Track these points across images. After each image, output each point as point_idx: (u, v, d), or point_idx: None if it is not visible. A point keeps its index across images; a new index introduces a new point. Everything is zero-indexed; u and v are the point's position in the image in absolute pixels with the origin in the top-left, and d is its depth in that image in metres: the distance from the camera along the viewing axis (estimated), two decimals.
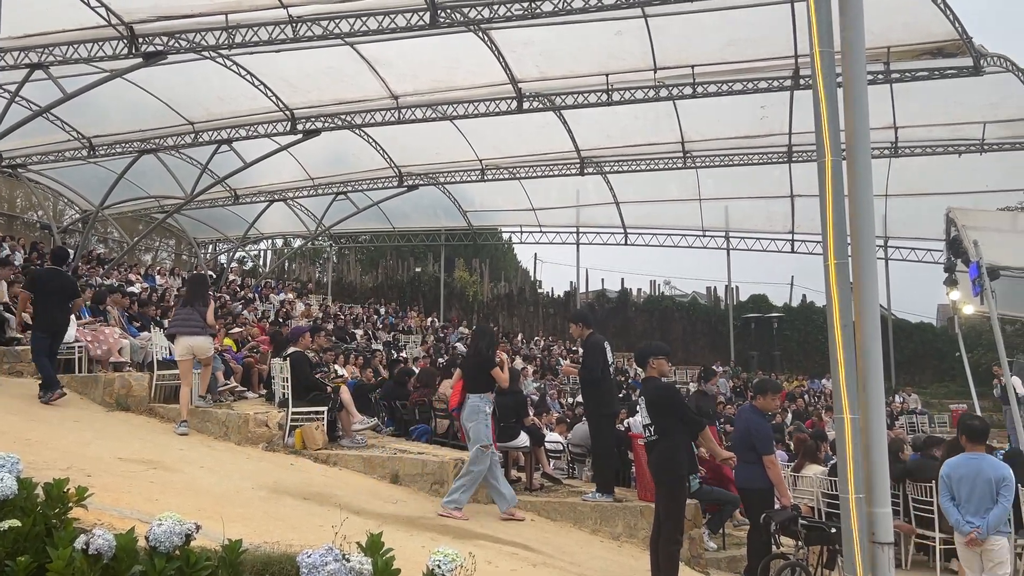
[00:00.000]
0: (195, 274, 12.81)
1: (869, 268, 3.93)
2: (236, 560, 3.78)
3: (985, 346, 20.78)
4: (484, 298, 36.07)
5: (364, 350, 17.01)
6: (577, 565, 6.52)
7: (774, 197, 25.55)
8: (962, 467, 6.50)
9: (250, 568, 3.91)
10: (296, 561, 3.62)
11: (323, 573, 3.48)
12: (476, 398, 7.82)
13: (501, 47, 16.30)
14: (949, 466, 6.62)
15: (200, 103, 19.37)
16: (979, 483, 6.32)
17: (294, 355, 9.35)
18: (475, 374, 7.93)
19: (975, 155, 19.97)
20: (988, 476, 6.30)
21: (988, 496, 6.26)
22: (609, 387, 8.52)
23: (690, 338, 33.75)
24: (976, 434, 6.68)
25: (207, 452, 8.30)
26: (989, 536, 6.23)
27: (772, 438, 7.38)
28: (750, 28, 15.22)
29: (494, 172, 23.41)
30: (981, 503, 6.28)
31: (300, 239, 32.57)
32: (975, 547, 6.32)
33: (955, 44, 14.67)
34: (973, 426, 6.78)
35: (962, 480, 6.43)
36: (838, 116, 3.97)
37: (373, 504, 7.16)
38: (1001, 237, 14.68)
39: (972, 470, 6.40)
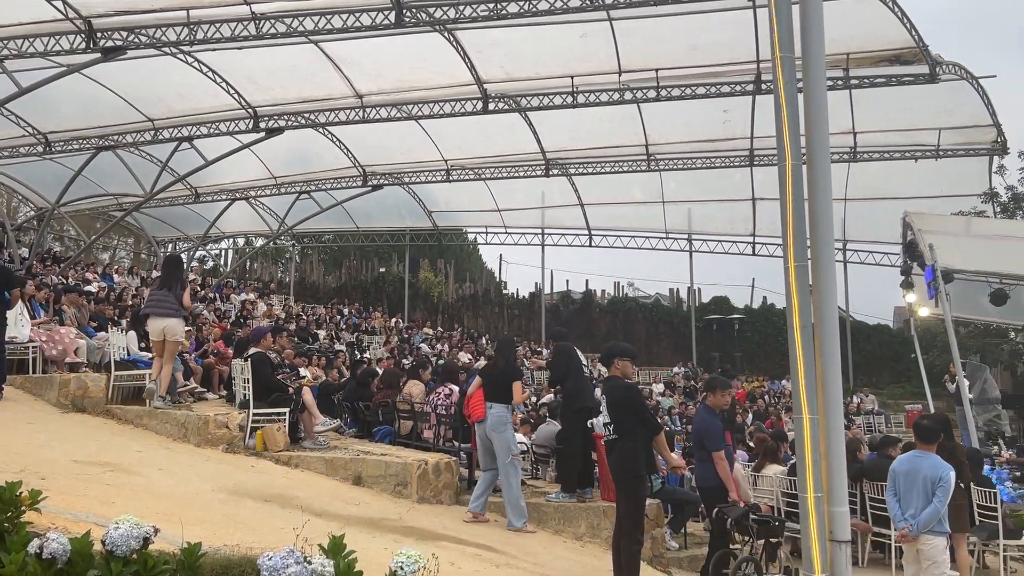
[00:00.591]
0: (171, 255, 12.63)
1: (828, 271, 3.99)
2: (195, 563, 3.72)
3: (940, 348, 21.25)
4: (449, 299, 35.98)
5: (327, 351, 16.86)
6: (540, 566, 6.53)
7: (736, 200, 25.88)
8: (906, 465, 6.69)
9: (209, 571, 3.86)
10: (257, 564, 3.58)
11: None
12: (501, 408, 7.95)
13: (467, 48, 16.29)
14: (896, 464, 6.82)
15: (160, 100, 19.05)
16: (919, 481, 6.49)
17: (255, 356, 9.24)
18: (500, 384, 8.05)
19: (931, 160, 20.43)
20: (927, 475, 6.46)
21: (925, 495, 6.41)
22: (576, 384, 8.57)
23: (653, 339, 34.00)
24: (925, 433, 6.86)
25: (166, 454, 8.16)
26: (921, 534, 6.38)
27: (721, 435, 7.50)
28: (713, 33, 15.39)
29: (459, 173, 23.37)
30: (919, 501, 6.43)
31: (262, 238, 32.17)
32: (907, 543, 6.50)
33: (912, 52, 15.00)
34: (922, 426, 6.97)
35: (904, 477, 6.61)
36: (798, 121, 4.03)
37: (335, 506, 7.10)
38: (955, 241, 15.04)
39: (914, 468, 6.58)
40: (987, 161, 21.78)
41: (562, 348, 8.80)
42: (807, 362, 3.82)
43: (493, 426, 7.92)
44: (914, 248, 14.85)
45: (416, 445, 9.53)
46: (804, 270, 3.89)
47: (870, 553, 9.76)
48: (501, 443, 7.87)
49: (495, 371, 8.42)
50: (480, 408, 8.08)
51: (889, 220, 20.31)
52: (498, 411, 7.94)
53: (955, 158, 20.59)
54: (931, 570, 6.42)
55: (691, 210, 27.89)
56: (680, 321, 33.95)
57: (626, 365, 6.68)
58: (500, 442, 7.87)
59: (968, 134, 19.69)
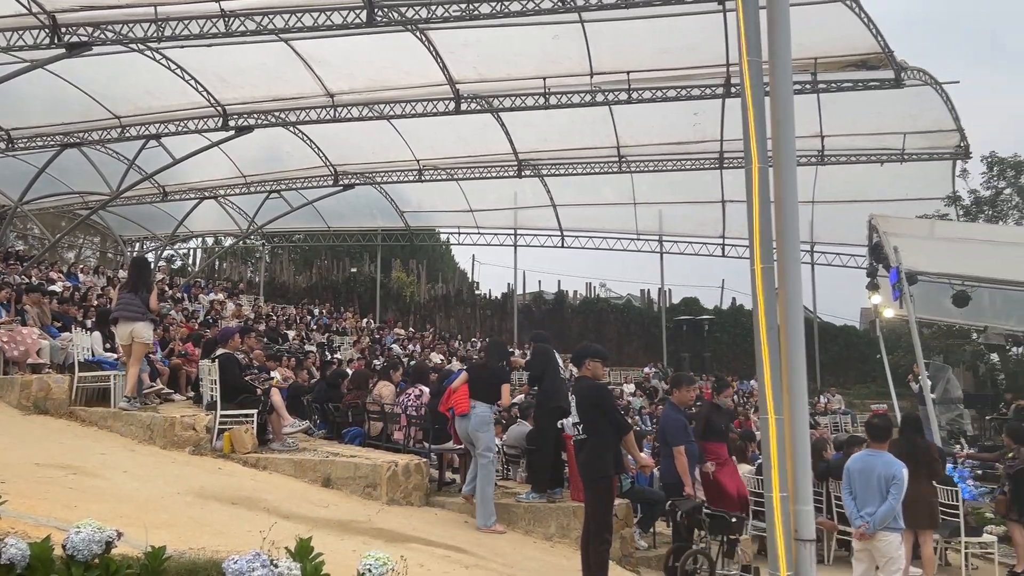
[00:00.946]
0: (138, 257, 12.49)
1: (794, 273, 4.04)
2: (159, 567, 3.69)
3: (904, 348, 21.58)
4: (421, 299, 35.87)
5: (297, 351, 16.73)
6: (509, 566, 6.54)
7: (706, 202, 26.13)
8: (860, 463, 6.82)
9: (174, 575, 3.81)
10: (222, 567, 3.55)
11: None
12: (486, 408, 8.12)
13: (439, 47, 16.26)
14: (851, 462, 6.95)
15: (127, 97, 18.78)
16: (873, 479, 6.60)
17: (222, 357, 9.14)
18: (487, 383, 8.20)
19: (896, 164, 20.78)
20: (881, 473, 6.58)
21: (880, 492, 6.53)
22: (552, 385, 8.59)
23: (624, 339, 34.16)
24: (877, 432, 6.99)
25: (130, 457, 8.04)
26: (878, 531, 6.49)
27: (684, 430, 7.60)
28: (683, 36, 15.51)
29: (432, 173, 23.32)
30: (874, 499, 6.55)
31: (231, 238, 31.88)
32: (864, 540, 6.61)
33: (878, 57, 15.23)
34: (874, 424, 7.11)
35: (859, 476, 6.72)
36: (765, 124, 4.07)
37: (304, 508, 7.04)
38: (920, 244, 15.30)
39: (868, 466, 6.70)
40: (950, 165, 22.20)
41: (541, 349, 8.90)
42: (772, 363, 3.86)
43: (477, 426, 8.04)
44: (879, 250, 15.08)
45: (386, 446, 9.48)
46: (770, 272, 3.93)
47: (836, 551, 9.89)
48: (483, 442, 8.00)
49: (484, 370, 8.52)
50: (464, 402, 8.16)
51: (856, 222, 20.59)
52: (482, 411, 8.09)
53: (920, 162, 20.97)
54: (888, 566, 6.53)
55: (662, 211, 28.11)
56: (651, 322, 34.16)
57: (597, 366, 6.72)
58: (482, 441, 8.00)
59: (932, 138, 20.06)
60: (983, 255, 14.78)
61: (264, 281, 34.54)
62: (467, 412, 8.09)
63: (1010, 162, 23.27)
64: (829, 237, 27.58)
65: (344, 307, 30.51)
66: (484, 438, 8.02)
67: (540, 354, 8.86)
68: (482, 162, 22.94)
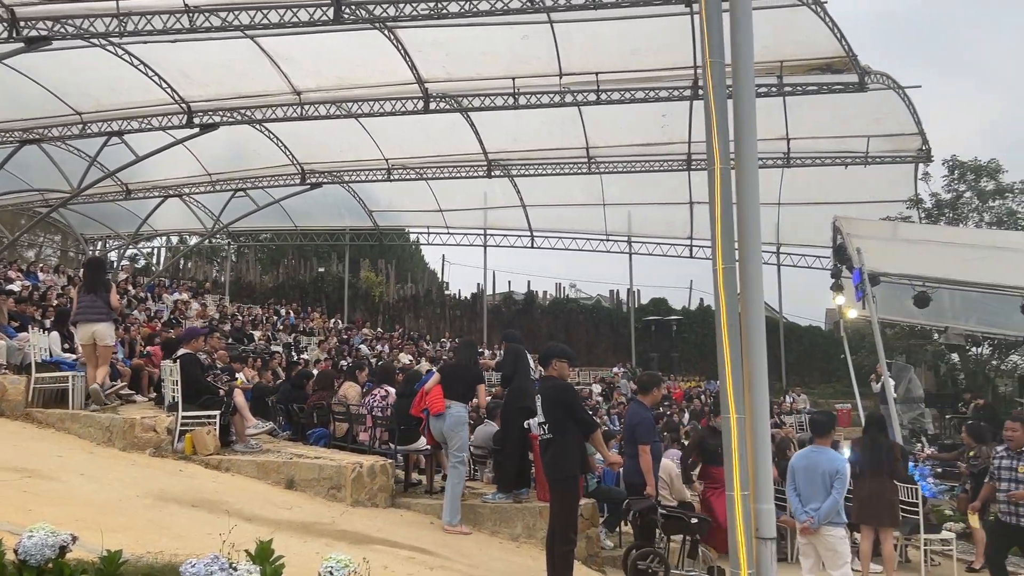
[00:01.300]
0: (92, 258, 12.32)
1: (755, 273, 4.06)
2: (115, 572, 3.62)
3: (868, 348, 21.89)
4: (390, 299, 35.70)
5: (262, 352, 16.55)
6: (475, 567, 6.51)
7: (674, 203, 26.32)
8: (804, 460, 6.92)
9: None
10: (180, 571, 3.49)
11: None
12: (461, 407, 8.12)
13: (407, 46, 16.20)
14: (795, 459, 7.05)
15: (89, 93, 18.47)
16: (816, 475, 6.70)
17: (184, 357, 9.00)
18: (461, 383, 8.20)
19: (860, 167, 21.10)
20: (824, 468, 6.68)
21: (823, 488, 6.62)
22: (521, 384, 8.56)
23: (593, 340, 34.29)
24: (818, 427, 7.09)
25: (88, 459, 7.88)
26: (822, 526, 6.59)
27: (653, 429, 7.66)
28: (652, 38, 15.62)
29: (401, 172, 23.22)
30: (818, 494, 6.64)
31: (196, 237, 31.45)
32: (809, 535, 6.71)
33: (842, 61, 15.46)
34: (816, 421, 7.23)
35: (803, 472, 6.82)
36: (727, 126, 4.10)
37: (266, 510, 6.95)
38: (882, 245, 15.53)
39: (812, 463, 6.80)
40: (913, 168, 22.59)
41: (512, 349, 8.90)
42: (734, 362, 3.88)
43: (452, 425, 8.03)
44: (843, 252, 15.28)
45: (351, 448, 9.40)
46: (732, 272, 3.95)
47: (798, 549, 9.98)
48: (456, 442, 8.02)
49: (457, 370, 8.50)
50: (439, 403, 8.13)
51: (821, 224, 20.89)
52: (457, 410, 8.09)
53: (883, 165, 21.32)
54: (833, 560, 6.63)
55: (631, 213, 28.27)
56: (620, 322, 34.33)
57: (563, 366, 6.73)
58: (456, 441, 8.02)
59: (895, 142, 20.40)
60: (944, 257, 15.06)
61: (230, 281, 34.15)
62: (442, 412, 8.06)
63: (970, 166, 23.72)
64: (795, 239, 27.90)
65: (311, 307, 30.26)
66: (458, 438, 8.03)
67: (511, 353, 8.86)
68: (451, 162, 22.90)
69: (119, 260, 29.38)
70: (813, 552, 6.80)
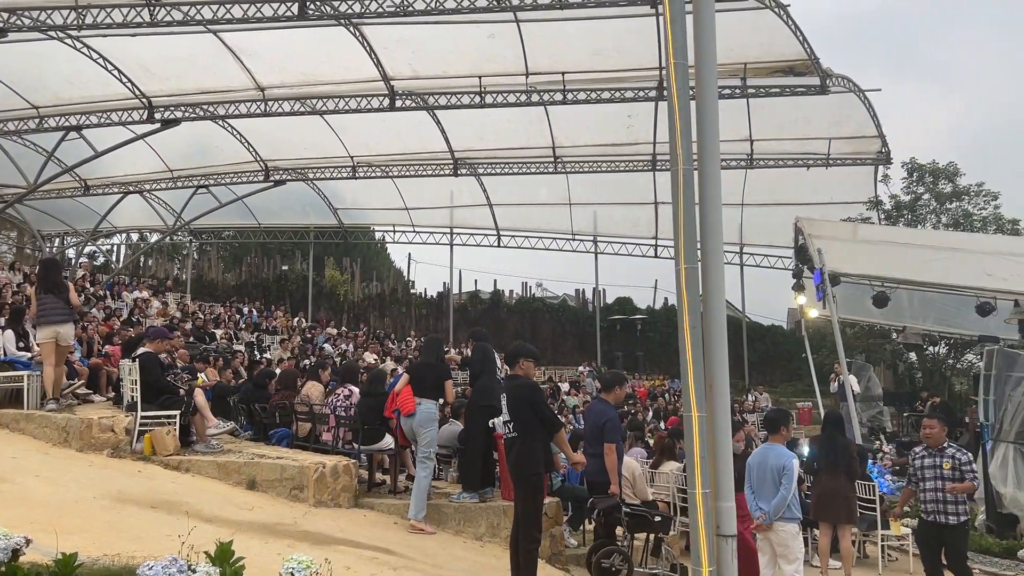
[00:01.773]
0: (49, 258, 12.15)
1: (717, 273, 4.10)
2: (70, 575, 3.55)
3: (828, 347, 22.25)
4: (355, 298, 35.45)
5: (224, 351, 16.33)
6: (439, 567, 6.49)
7: (639, 203, 26.50)
8: (757, 457, 7.03)
9: None
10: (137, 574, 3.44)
11: None
12: (431, 404, 8.17)
13: (373, 43, 16.10)
14: (750, 457, 7.17)
15: (46, 86, 18.08)
16: (766, 471, 6.80)
17: (143, 356, 8.84)
18: (429, 380, 8.23)
19: (822, 168, 21.42)
20: (773, 465, 6.78)
21: (774, 484, 6.73)
22: (487, 382, 8.56)
23: (559, 339, 34.41)
24: (770, 425, 7.20)
25: (43, 460, 7.72)
26: (775, 522, 6.69)
27: (620, 428, 7.70)
28: (618, 39, 15.70)
29: (366, 170, 23.08)
30: (769, 491, 6.75)
31: (157, 234, 30.94)
32: (763, 531, 6.81)
33: (805, 64, 15.68)
34: (768, 418, 7.32)
35: (756, 469, 6.92)
36: (691, 127, 4.13)
37: (227, 511, 6.87)
38: (843, 246, 15.79)
39: (762, 459, 6.90)
40: (872, 170, 23.00)
41: (480, 348, 8.92)
42: (696, 361, 3.91)
43: (421, 422, 8.07)
44: (804, 252, 15.50)
45: (314, 448, 9.32)
46: (694, 272, 3.98)
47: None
48: (427, 438, 8.07)
49: (424, 367, 8.50)
50: (410, 402, 8.16)
51: (783, 225, 21.17)
52: (427, 407, 8.14)
53: (844, 167, 21.67)
54: (785, 554, 6.74)
55: (596, 212, 28.39)
56: (586, 321, 34.47)
57: (530, 365, 6.76)
58: (426, 437, 8.07)
59: (856, 144, 20.76)
60: (902, 258, 15.36)
61: (191, 278, 33.64)
62: (413, 411, 8.11)
63: (928, 168, 24.23)
64: (757, 239, 28.21)
65: (275, 306, 29.93)
66: (427, 434, 8.07)
67: (478, 351, 8.89)
68: (418, 160, 22.81)
69: (77, 257, 28.83)
70: (769, 547, 6.90)
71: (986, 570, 9.75)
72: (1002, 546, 10.47)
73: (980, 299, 14.22)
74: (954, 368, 24.07)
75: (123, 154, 20.18)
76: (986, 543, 10.64)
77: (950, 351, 23.46)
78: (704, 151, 4.09)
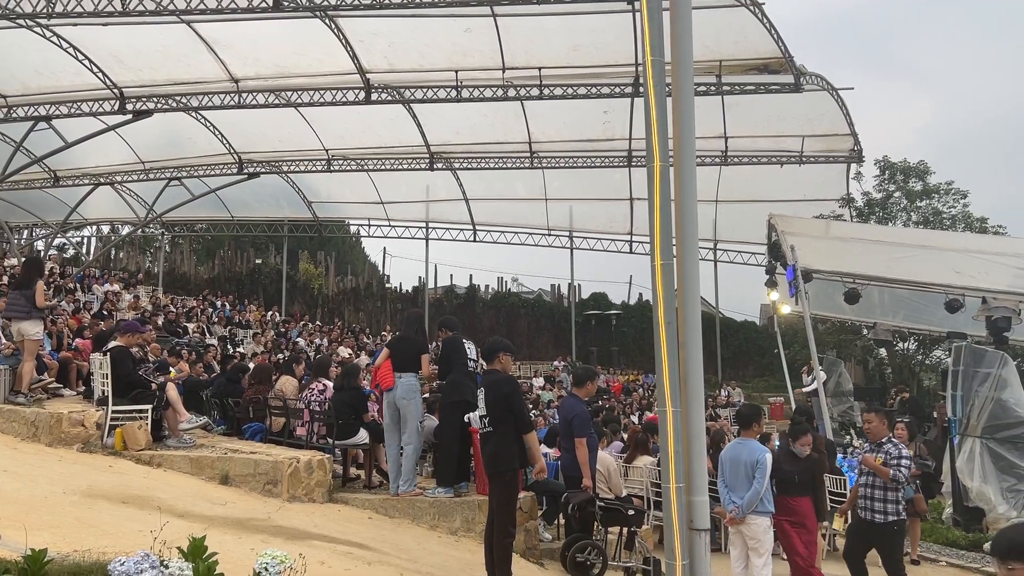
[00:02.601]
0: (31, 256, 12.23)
1: (692, 268, 4.13)
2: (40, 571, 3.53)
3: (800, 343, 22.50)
4: (329, 292, 35.25)
5: (197, 345, 16.17)
6: (413, 561, 6.49)
7: (615, 200, 26.58)
8: (731, 451, 7.10)
9: None
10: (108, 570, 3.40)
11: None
12: (411, 376, 8.18)
13: (349, 36, 15.99)
14: (723, 452, 7.24)
15: (14, 75, 17.78)
16: (740, 466, 6.89)
17: (115, 350, 8.74)
18: (408, 355, 8.26)
19: (795, 166, 21.60)
20: (746, 459, 6.87)
21: (747, 478, 6.81)
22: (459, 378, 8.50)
23: (535, 334, 34.49)
24: (742, 420, 7.28)
25: (11, 455, 7.60)
26: (747, 515, 6.78)
27: (589, 422, 7.74)
28: (594, 35, 15.73)
29: (341, 163, 22.94)
30: (742, 485, 6.83)
31: (129, 226, 30.54)
32: (735, 524, 6.90)
33: (779, 62, 15.80)
34: (740, 413, 7.40)
35: (730, 464, 7.01)
36: (667, 123, 4.15)
37: (200, 506, 6.81)
38: (815, 243, 15.95)
39: (737, 454, 6.99)
40: (845, 168, 23.24)
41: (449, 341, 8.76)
42: (671, 356, 3.94)
43: (404, 394, 8.09)
44: (777, 249, 15.64)
45: (288, 443, 9.27)
46: (669, 268, 4.01)
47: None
48: (411, 410, 8.11)
49: (404, 342, 8.52)
50: (389, 377, 8.17)
51: (757, 222, 21.32)
52: (408, 379, 8.14)
53: (817, 164, 21.87)
54: (756, 547, 6.82)
55: (572, 208, 28.44)
56: (561, 316, 34.57)
57: (508, 360, 6.78)
58: (410, 408, 8.11)
59: (829, 142, 20.95)
60: (873, 255, 15.54)
61: (163, 272, 33.25)
62: (393, 385, 8.13)
63: (900, 167, 24.56)
64: (731, 235, 28.39)
65: (248, 299, 29.67)
66: (411, 406, 8.11)
67: (448, 345, 8.74)
68: (393, 153, 22.71)
69: (47, 249, 28.37)
70: (741, 541, 6.98)
71: (952, 563, 9.93)
72: (968, 539, 10.66)
73: (949, 296, 14.43)
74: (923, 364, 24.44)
75: (94, 145, 19.91)
76: (953, 536, 10.84)
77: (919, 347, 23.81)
78: (681, 148, 4.12)
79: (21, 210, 28.40)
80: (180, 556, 3.54)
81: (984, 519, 11.26)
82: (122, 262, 34.78)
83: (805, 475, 7.21)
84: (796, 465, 7.24)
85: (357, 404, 9.01)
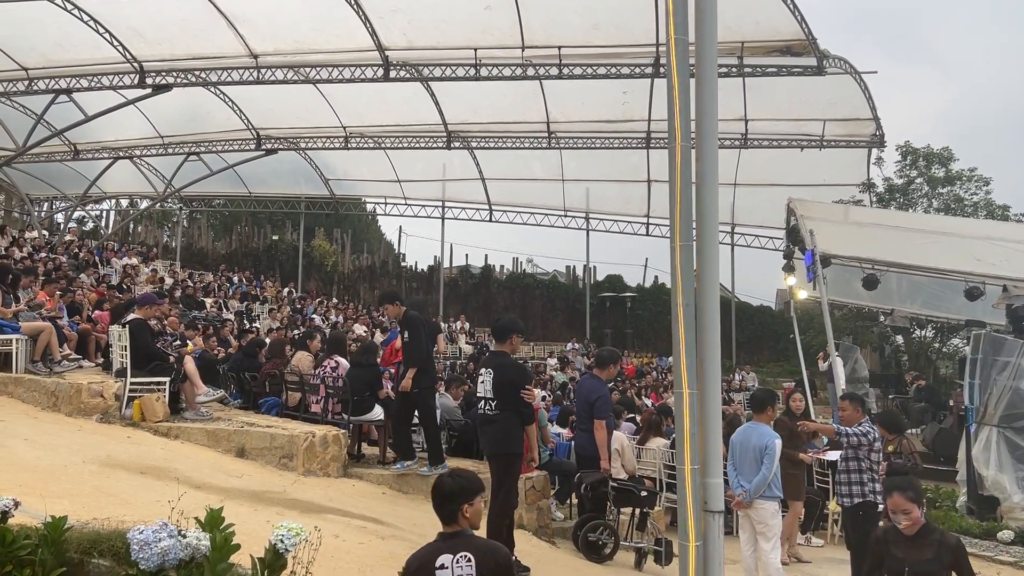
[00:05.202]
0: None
1: (712, 251, 4.09)
2: (60, 538, 3.57)
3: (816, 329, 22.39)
4: (345, 269, 35.36)
5: (214, 319, 16.30)
6: (425, 537, 6.52)
7: (632, 181, 26.40)
8: (741, 435, 7.10)
9: (76, 546, 3.69)
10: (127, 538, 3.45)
11: (156, 549, 3.33)
12: None
13: (368, 12, 15.92)
14: (734, 435, 7.23)
15: (35, 48, 17.84)
16: (748, 450, 6.88)
17: (133, 322, 8.82)
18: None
19: (815, 150, 21.34)
20: (755, 444, 6.86)
21: (755, 462, 6.80)
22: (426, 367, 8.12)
23: (549, 315, 34.48)
24: (756, 404, 7.26)
25: (32, 424, 7.71)
26: (754, 499, 6.78)
27: (610, 404, 7.75)
28: (615, 13, 15.57)
29: (358, 140, 22.91)
30: (751, 469, 6.83)
31: (147, 200, 30.71)
32: (743, 508, 6.90)
33: (802, 44, 15.59)
34: (754, 396, 7.38)
35: (739, 447, 7.00)
36: (689, 104, 4.10)
37: (216, 478, 6.89)
38: (834, 228, 15.82)
39: (746, 437, 6.97)
40: (866, 153, 22.97)
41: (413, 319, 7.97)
42: (688, 338, 3.92)
43: None
44: (796, 233, 15.54)
45: (304, 417, 9.34)
46: (689, 250, 3.98)
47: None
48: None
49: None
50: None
51: (775, 206, 21.15)
52: None
53: (837, 149, 21.60)
54: (764, 532, 6.83)
55: (589, 189, 28.29)
56: (575, 298, 34.52)
57: (519, 342, 6.76)
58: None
59: (850, 126, 20.68)
60: (892, 241, 15.40)
61: (181, 246, 33.47)
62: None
63: (922, 152, 24.28)
64: (749, 219, 28.18)
65: (264, 275, 29.82)
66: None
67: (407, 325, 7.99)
68: (410, 132, 22.65)
69: (66, 222, 28.57)
70: (749, 525, 6.99)
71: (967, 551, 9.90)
72: (982, 527, 10.63)
73: (969, 284, 14.29)
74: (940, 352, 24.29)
75: (113, 119, 19.99)
76: (966, 524, 10.80)
77: (936, 335, 23.65)
78: (702, 129, 4.07)
79: (42, 182, 28.62)
80: (197, 526, 3.58)
81: (999, 508, 11.22)
82: (140, 236, 35.02)
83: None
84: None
85: (373, 381, 9.05)
